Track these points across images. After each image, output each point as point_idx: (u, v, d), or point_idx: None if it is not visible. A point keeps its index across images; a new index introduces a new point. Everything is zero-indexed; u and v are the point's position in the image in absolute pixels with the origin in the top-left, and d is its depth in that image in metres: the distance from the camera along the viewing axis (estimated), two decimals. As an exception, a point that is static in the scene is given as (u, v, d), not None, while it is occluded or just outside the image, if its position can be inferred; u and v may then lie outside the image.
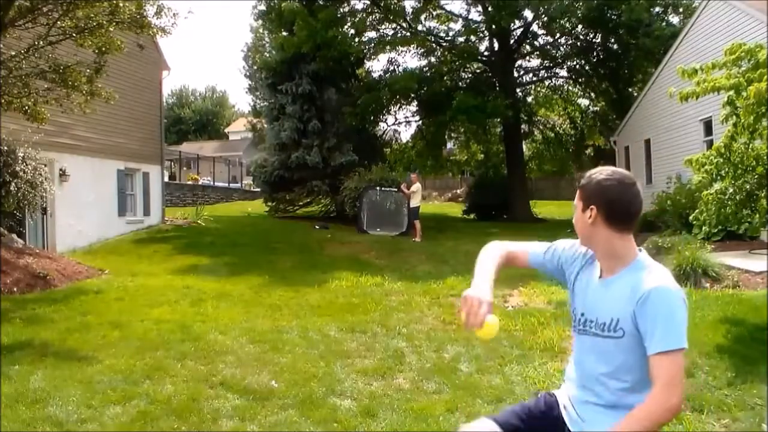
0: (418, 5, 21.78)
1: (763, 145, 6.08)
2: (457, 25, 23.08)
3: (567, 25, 21.82)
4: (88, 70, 10.42)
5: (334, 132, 19.54)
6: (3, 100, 9.88)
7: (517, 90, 22.73)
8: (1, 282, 8.82)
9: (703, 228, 6.78)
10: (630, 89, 22.06)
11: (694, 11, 15.76)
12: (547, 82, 25.27)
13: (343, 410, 4.46)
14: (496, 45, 22.43)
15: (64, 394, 4.69)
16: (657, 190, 15.08)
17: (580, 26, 21.81)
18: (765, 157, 6.04)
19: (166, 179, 22.11)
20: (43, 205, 12.46)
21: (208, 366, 5.47)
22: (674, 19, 20.10)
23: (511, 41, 22.03)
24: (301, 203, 21.07)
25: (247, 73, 41.52)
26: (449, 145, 28.48)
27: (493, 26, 20.62)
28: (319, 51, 18.36)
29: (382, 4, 21.29)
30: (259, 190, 23.35)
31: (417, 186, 15.75)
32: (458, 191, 33.20)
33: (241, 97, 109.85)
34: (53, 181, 12.48)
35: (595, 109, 25.62)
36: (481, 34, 22.54)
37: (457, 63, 23.01)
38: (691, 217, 6.90)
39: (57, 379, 5.04)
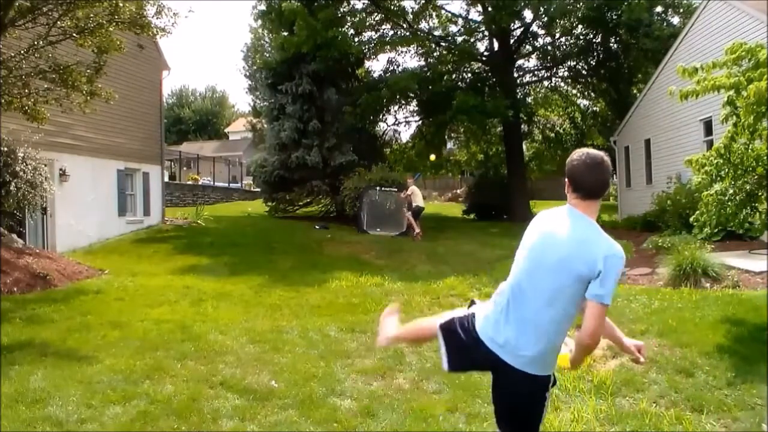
0: (418, 5, 21.76)
1: (763, 146, 6.07)
2: (457, 26, 23.11)
3: (567, 25, 21.82)
4: (88, 70, 10.42)
5: (334, 132, 19.53)
6: (3, 100, 9.88)
7: (517, 90, 22.71)
8: (1, 282, 8.82)
9: (704, 229, 6.76)
10: (630, 89, 22.04)
11: (694, 11, 15.75)
12: (546, 82, 25.26)
13: (343, 410, 4.46)
14: (496, 45, 22.42)
15: (64, 394, 4.69)
16: (657, 190, 15.08)
17: (580, 26, 21.80)
18: (765, 158, 6.04)
19: (166, 179, 22.10)
20: (43, 205, 12.45)
21: (208, 366, 5.47)
22: (674, 20, 20.10)
23: (511, 41, 22.01)
24: (301, 203, 21.06)
25: (247, 73, 41.47)
26: (449, 145, 28.46)
27: (493, 26, 20.59)
28: (319, 51, 18.35)
29: (382, 5, 21.28)
30: (259, 190, 23.35)
31: (413, 188, 15.85)
32: (458, 191, 33.19)
33: (241, 97, 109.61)
34: (53, 181, 12.47)
35: (595, 109, 25.61)
36: (480, 34, 22.53)
37: (457, 63, 22.99)
38: (691, 219, 6.89)
39: (57, 379, 5.04)
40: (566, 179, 2.45)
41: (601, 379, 4.88)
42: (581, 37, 22.41)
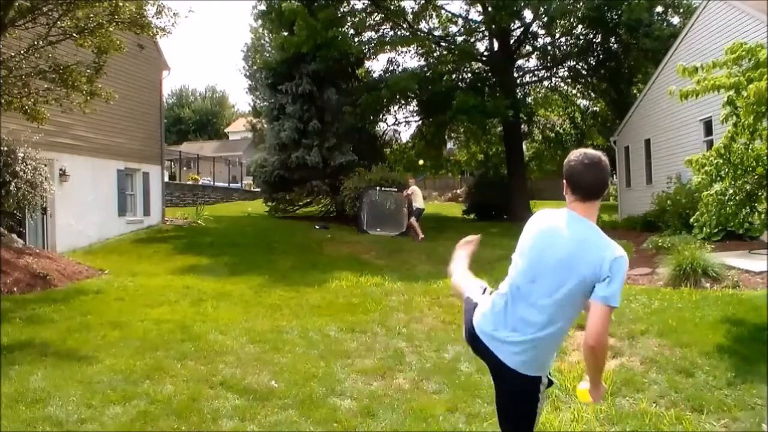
0: (418, 5, 21.76)
1: (763, 146, 6.08)
2: (457, 26, 23.11)
3: (567, 25, 21.81)
4: (88, 70, 10.42)
5: (334, 132, 19.52)
6: (3, 100, 9.88)
7: (517, 90, 22.72)
8: (1, 282, 8.82)
9: (704, 229, 6.77)
10: (630, 89, 22.04)
11: (694, 11, 15.75)
12: (546, 83, 25.26)
13: (343, 410, 4.46)
14: (496, 45, 22.42)
15: (64, 394, 4.69)
16: (657, 190, 15.08)
17: (580, 26, 21.79)
18: (765, 158, 6.04)
19: (166, 179, 22.10)
20: (43, 205, 12.46)
21: (208, 366, 5.47)
22: (674, 20, 20.11)
23: (511, 41, 22.02)
24: (301, 203, 21.06)
25: (247, 73, 41.48)
26: (449, 145, 28.46)
27: (493, 26, 20.60)
28: (319, 51, 18.35)
29: (382, 5, 21.28)
30: (259, 190, 23.35)
31: (414, 188, 15.87)
32: (458, 191, 33.19)
33: (241, 97, 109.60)
34: (53, 181, 12.48)
35: (595, 109, 25.61)
36: (480, 34, 22.54)
37: (457, 63, 22.99)
38: (692, 220, 6.90)
39: (57, 379, 5.04)
40: (564, 181, 2.44)
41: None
42: (581, 37, 22.40)
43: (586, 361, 2.45)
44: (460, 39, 22.23)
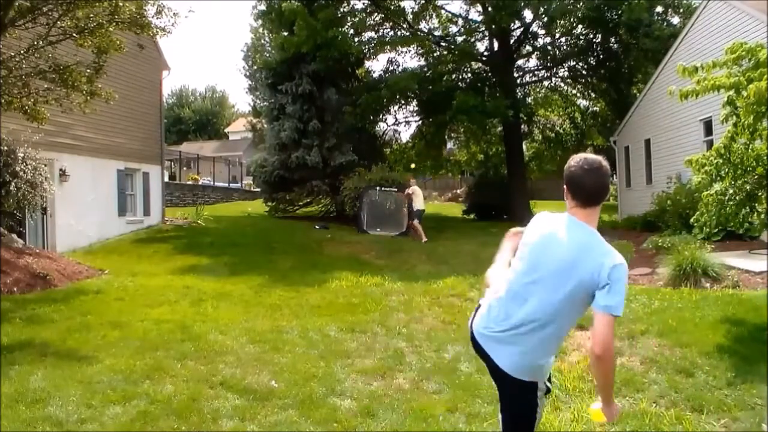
0: (418, 5, 21.76)
1: (763, 146, 6.08)
2: (457, 26, 23.11)
3: (567, 25, 21.81)
4: (88, 70, 10.42)
5: (334, 132, 19.52)
6: (3, 100, 9.88)
7: (517, 90, 22.71)
8: (1, 282, 8.82)
9: (704, 229, 6.77)
10: (630, 89, 22.04)
11: (694, 11, 15.75)
12: (546, 83, 25.25)
13: (343, 410, 4.46)
14: (496, 45, 22.42)
15: (64, 394, 4.69)
16: (657, 190, 15.08)
17: (580, 26, 21.79)
18: (765, 158, 6.04)
19: (166, 179, 22.10)
20: (43, 205, 12.46)
21: (208, 366, 5.47)
22: (674, 20, 20.11)
23: (511, 41, 22.01)
24: (301, 203, 21.06)
25: (247, 73, 41.49)
26: (449, 145, 28.46)
27: (493, 26, 20.60)
28: (319, 51, 18.35)
29: (382, 5, 21.28)
30: (259, 190, 23.35)
31: (414, 188, 15.84)
32: (458, 191, 33.18)
33: (241, 97, 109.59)
34: (53, 181, 12.48)
35: (595, 109, 25.61)
36: (480, 34, 22.53)
37: (457, 63, 22.99)
38: (692, 220, 6.90)
39: (57, 379, 5.04)
40: (564, 186, 2.43)
41: (601, 379, 4.87)
42: (581, 37, 22.39)
43: (595, 374, 2.41)
44: (460, 39, 22.21)
